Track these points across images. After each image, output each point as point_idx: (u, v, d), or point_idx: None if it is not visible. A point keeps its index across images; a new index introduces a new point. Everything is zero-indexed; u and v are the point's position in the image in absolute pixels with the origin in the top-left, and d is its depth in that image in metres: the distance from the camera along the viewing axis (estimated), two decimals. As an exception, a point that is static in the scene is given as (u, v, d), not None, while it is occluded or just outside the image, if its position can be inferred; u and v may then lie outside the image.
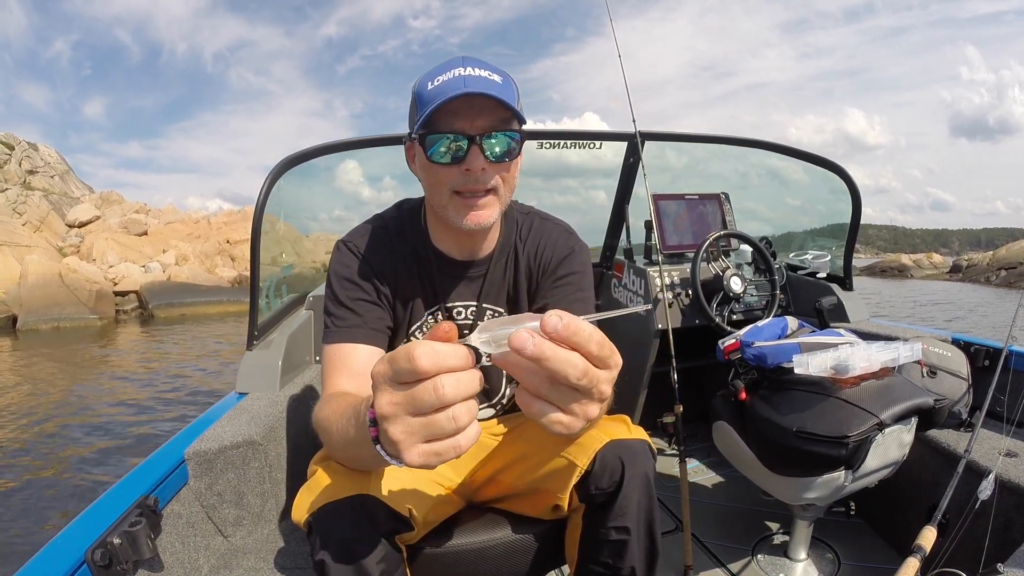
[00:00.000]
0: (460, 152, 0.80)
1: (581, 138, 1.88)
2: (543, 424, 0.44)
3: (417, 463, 0.44)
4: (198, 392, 6.53)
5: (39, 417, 5.65)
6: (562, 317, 0.41)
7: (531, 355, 0.40)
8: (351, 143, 1.64)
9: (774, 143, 2.13)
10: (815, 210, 2.12)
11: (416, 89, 0.82)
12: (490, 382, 1.02)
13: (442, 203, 0.85)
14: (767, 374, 1.35)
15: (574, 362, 0.41)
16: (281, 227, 1.89)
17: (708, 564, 1.53)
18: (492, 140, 0.80)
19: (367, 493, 0.75)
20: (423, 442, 0.43)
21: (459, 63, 0.80)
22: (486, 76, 0.79)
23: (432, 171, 0.83)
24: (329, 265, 0.94)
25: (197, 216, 20.98)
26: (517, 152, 0.84)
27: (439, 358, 0.42)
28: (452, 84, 0.78)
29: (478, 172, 0.81)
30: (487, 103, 0.78)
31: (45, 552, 0.83)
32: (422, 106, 0.79)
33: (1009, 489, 1.18)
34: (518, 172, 0.88)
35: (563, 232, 1.01)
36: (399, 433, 0.43)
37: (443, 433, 0.43)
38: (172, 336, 11.05)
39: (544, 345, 0.40)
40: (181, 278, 15.30)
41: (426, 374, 0.42)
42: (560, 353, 0.41)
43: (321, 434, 0.74)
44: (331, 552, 0.70)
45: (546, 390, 0.43)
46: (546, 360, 0.41)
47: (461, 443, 0.43)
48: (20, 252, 14.29)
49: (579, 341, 0.41)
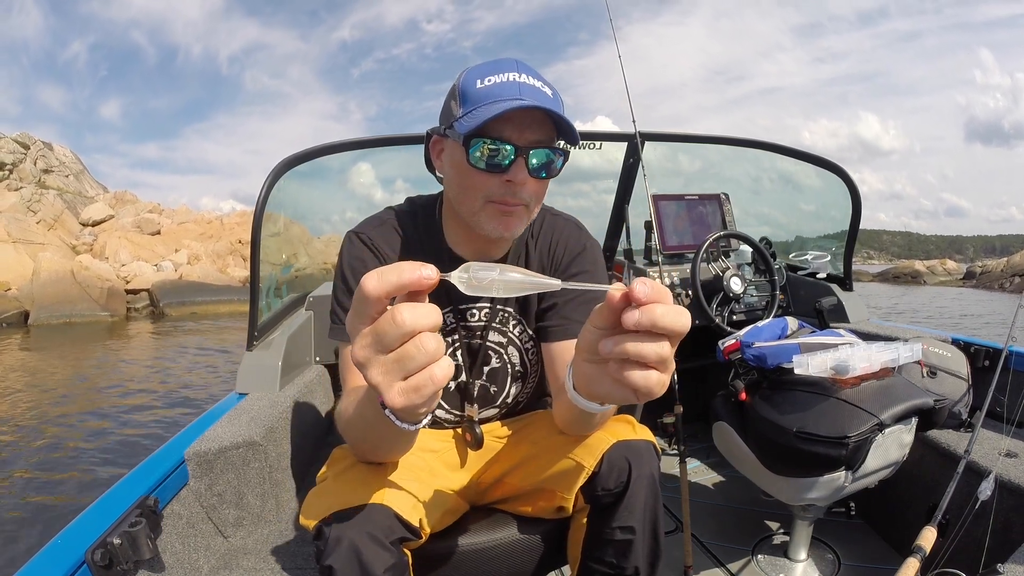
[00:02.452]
0: (505, 162, 0.77)
1: (582, 138, 1.87)
2: (644, 387, 0.43)
3: (400, 403, 0.43)
4: (198, 387, 6.54)
5: (42, 412, 5.67)
6: (646, 283, 0.41)
7: (646, 298, 0.41)
8: (353, 143, 1.63)
9: (773, 143, 2.13)
10: (828, 215, 2.11)
11: (462, 83, 0.78)
12: (496, 383, 1.01)
13: (472, 209, 0.82)
14: (767, 374, 1.35)
15: (683, 313, 0.42)
16: (293, 228, 1.90)
17: (708, 564, 1.53)
18: (539, 154, 0.78)
19: (379, 503, 0.74)
20: (400, 380, 0.43)
21: (513, 66, 0.78)
22: (539, 87, 0.77)
23: (469, 175, 0.79)
24: (340, 256, 0.91)
25: (210, 216, 21.09)
26: (559, 170, 0.81)
27: (383, 277, 0.42)
28: (507, 89, 0.76)
29: (520, 185, 0.78)
30: (539, 117, 0.76)
31: (45, 552, 0.84)
32: (468, 103, 0.76)
33: (1009, 489, 1.18)
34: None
35: (574, 228, 0.99)
36: (377, 375, 0.43)
37: (415, 364, 0.42)
38: (181, 333, 11.13)
39: (655, 301, 0.41)
40: (192, 277, 15.47)
41: (375, 296, 0.41)
42: (670, 308, 0.42)
43: (342, 429, 0.75)
44: (339, 559, 0.70)
45: (650, 348, 0.42)
46: (660, 318, 0.41)
47: (436, 373, 0.43)
48: (34, 249, 14.48)
49: (668, 300, 0.42)
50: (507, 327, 0.98)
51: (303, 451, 1.36)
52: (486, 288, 0.43)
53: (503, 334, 0.98)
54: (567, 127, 0.77)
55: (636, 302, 0.41)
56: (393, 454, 0.79)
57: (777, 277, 1.99)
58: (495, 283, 0.43)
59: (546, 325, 0.93)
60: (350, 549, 0.70)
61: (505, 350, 0.99)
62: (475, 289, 0.43)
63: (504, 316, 0.97)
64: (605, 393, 0.47)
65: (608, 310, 0.43)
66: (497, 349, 0.98)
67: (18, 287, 13.16)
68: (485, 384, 1.00)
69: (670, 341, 0.42)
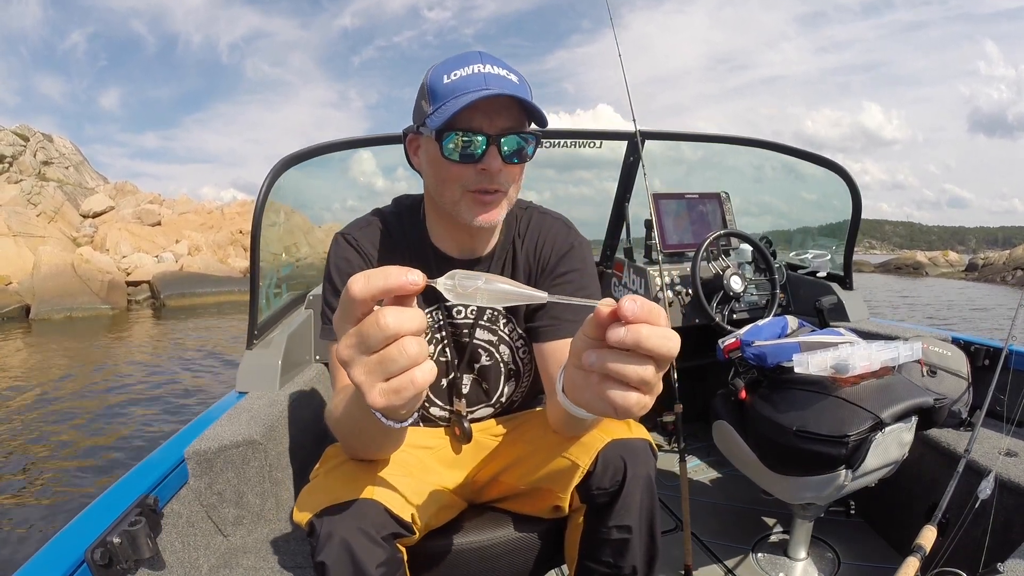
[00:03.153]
0: (478, 151, 0.78)
1: (581, 137, 1.87)
2: (622, 407, 0.43)
3: (380, 404, 0.44)
4: (198, 386, 6.55)
5: (41, 407, 5.67)
6: (636, 300, 0.41)
7: (632, 316, 0.40)
8: (350, 142, 1.64)
9: (774, 142, 2.13)
10: (831, 205, 2.12)
11: (429, 81, 0.80)
12: (488, 381, 1.01)
13: (452, 200, 0.83)
14: (767, 373, 1.35)
15: (671, 337, 0.41)
16: (294, 218, 1.89)
17: (708, 563, 1.53)
18: (510, 141, 0.80)
19: (370, 498, 0.75)
20: (382, 380, 0.44)
21: (476, 58, 0.79)
22: (504, 75, 0.78)
23: (444, 168, 0.81)
24: (328, 258, 0.92)
25: (211, 206, 21.13)
26: (532, 154, 0.83)
27: (369, 281, 0.42)
28: (472, 81, 0.77)
29: (495, 172, 0.80)
30: (507, 103, 0.78)
31: (45, 551, 0.84)
32: (437, 99, 0.78)
33: (1009, 489, 1.18)
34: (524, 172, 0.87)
35: (562, 227, 0.98)
36: (360, 375, 0.44)
37: (396, 367, 0.43)
38: (181, 326, 11.15)
39: (644, 321, 0.41)
40: (193, 268, 15.49)
41: (361, 299, 0.42)
42: (657, 330, 0.41)
43: (332, 426, 0.75)
44: (332, 554, 0.70)
45: (631, 370, 0.42)
46: (646, 339, 0.40)
47: (417, 377, 0.44)
48: (34, 243, 14.52)
49: (658, 321, 0.41)
50: (497, 325, 0.98)
51: (303, 450, 1.36)
52: (471, 296, 0.43)
53: (493, 332, 0.98)
54: (535, 111, 0.79)
55: (623, 319, 0.41)
56: (383, 451, 0.79)
57: (777, 276, 1.99)
58: (480, 291, 0.43)
59: (536, 325, 0.92)
60: (341, 545, 0.70)
61: (496, 348, 0.99)
62: (460, 297, 0.44)
63: (494, 314, 0.97)
64: (587, 403, 0.47)
65: (595, 323, 0.43)
66: (487, 347, 0.98)
67: (19, 281, 13.20)
68: (477, 379, 1.00)
69: (656, 364, 0.42)
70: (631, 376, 0.42)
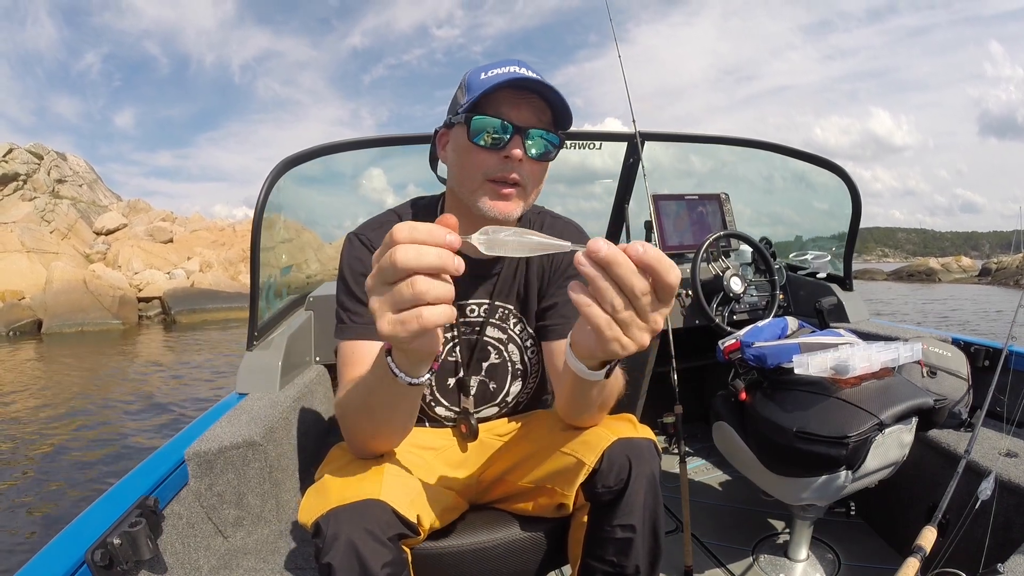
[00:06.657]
0: (504, 138, 0.82)
1: (582, 138, 1.88)
2: (603, 335, 0.49)
3: (386, 331, 0.49)
4: (204, 396, 6.55)
5: (49, 419, 5.67)
6: (607, 244, 0.46)
7: (604, 258, 0.46)
8: (353, 143, 1.63)
9: (773, 143, 2.13)
10: (843, 213, 2.10)
11: (467, 78, 0.86)
12: (496, 381, 1.01)
13: (472, 188, 0.85)
14: (767, 374, 1.35)
15: (641, 278, 0.46)
16: (304, 235, 1.89)
17: (708, 564, 1.53)
18: (536, 135, 0.83)
19: (376, 498, 0.74)
20: (391, 311, 0.49)
21: (515, 63, 0.84)
22: (539, 78, 0.82)
23: (471, 153, 0.84)
24: (341, 258, 0.93)
25: (222, 224, 21.29)
26: (555, 154, 0.87)
27: (413, 231, 0.47)
28: (508, 75, 0.81)
29: (517, 161, 0.82)
30: (536, 102, 0.82)
31: (45, 552, 0.83)
32: (472, 91, 0.82)
33: (1009, 489, 1.18)
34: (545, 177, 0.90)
35: (574, 231, 1.02)
36: (375, 303, 0.50)
37: (404, 301, 0.48)
38: (191, 342, 11.22)
39: (616, 251, 0.46)
40: (204, 284, 15.64)
41: (400, 244, 0.47)
42: (630, 265, 0.46)
43: (341, 411, 0.77)
44: (338, 555, 0.70)
45: (609, 300, 0.47)
46: (617, 266, 0.46)
47: (424, 315, 0.48)
48: (47, 259, 14.74)
49: (627, 262, 0.46)
50: (507, 324, 0.99)
51: (303, 451, 1.36)
52: (502, 245, 0.48)
53: (503, 331, 0.99)
54: (562, 109, 0.83)
55: (593, 256, 0.46)
56: (393, 425, 0.77)
57: (777, 277, 1.99)
58: (511, 242, 0.48)
59: (546, 324, 0.95)
60: (348, 546, 0.70)
61: (505, 347, 1.00)
62: (493, 247, 0.48)
63: (504, 313, 0.98)
64: (589, 349, 0.56)
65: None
66: (496, 345, 0.99)
67: (31, 296, 13.42)
68: (484, 380, 1.01)
69: (628, 297, 0.47)
70: (605, 294, 0.47)
